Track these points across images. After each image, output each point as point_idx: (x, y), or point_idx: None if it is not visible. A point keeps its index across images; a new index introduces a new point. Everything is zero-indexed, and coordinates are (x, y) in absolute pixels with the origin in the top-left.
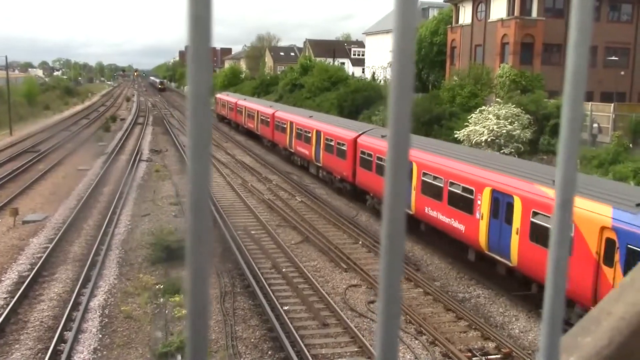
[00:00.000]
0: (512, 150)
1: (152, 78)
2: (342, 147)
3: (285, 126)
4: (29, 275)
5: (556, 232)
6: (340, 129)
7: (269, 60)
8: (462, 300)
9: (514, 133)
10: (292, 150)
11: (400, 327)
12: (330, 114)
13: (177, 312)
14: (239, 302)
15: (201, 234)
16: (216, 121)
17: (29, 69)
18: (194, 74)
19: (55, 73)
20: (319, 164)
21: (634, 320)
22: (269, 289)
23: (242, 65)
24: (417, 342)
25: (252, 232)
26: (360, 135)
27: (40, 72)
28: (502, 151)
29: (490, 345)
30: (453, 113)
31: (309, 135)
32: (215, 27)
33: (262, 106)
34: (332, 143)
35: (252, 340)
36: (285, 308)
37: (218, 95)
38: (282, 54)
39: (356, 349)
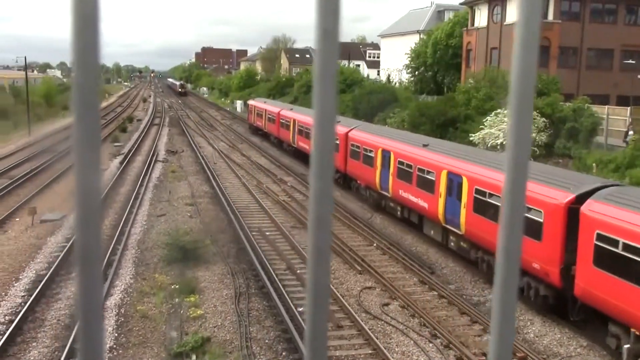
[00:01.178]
0: None
1: (170, 80)
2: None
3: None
4: (46, 274)
5: (507, 213)
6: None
7: (284, 62)
8: (477, 304)
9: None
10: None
11: (415, 331)
12: (346, 116)
13: (192, 312)
14: (253, 302)
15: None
16: (245, 131)
17: (48, 70)
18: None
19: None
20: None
21: None
22: (283, 290)
23: (258, 67)
24: (431, 345)
25: (267, 233)
26: (350, 130)
27: (58, 73)
28: None
29: None
30: (468, 116)
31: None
32: (231, 28)
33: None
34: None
35: (267, 341)
36: (300, 309)
37: (251, 102)
38: (297, 55)
39: (370, 351)
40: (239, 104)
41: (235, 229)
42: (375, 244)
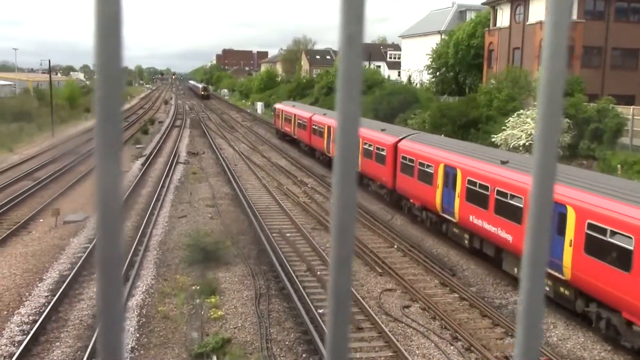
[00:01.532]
0: None
1: (191, 82)
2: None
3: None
4: (69, 274)
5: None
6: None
7: (305, 63)
8: (499, 307)
9: None
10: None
11: (436, 333)
12: (366, 117)
13: (212, 314)
14: (273, 304)
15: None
16: (266, 133)
17: (71, 72)
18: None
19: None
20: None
21: None
22: (303, 292)
23: (278, 68)
24: (452, 348)
25: (287, 234)
26: (400, 140)
27: (81, 76)
28: None
29: None
30: (490, 117)
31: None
32: (252, 30)
33: (375, 131)
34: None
35: (287, 342)
36: (320, 311)
37: (278, 106)
38: (318, 57)
39: (390, 354)
40: (259, 105)
41: (256, 230)
42: (396, 246)
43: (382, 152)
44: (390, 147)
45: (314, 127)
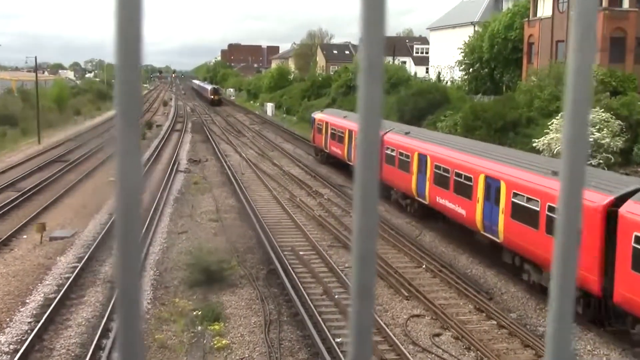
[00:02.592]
0: (601, 161)
1: (196, 82)
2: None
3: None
4: (55, 298)
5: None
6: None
7: (320, 59)
8: (543, 335)
9: (603, 142)
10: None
11: None
12: (390, 119)
13: (216, 342)
14: (285, 332)
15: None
16: (276, 137)
17: (60, 71)
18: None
19: (88, 75)
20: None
21: None
22: (319, 318)
23: (291, 65)
24: None
25: (301, 252)
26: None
27: (71, 74)
28: (588, 162)
29: None
30: (531, 119)
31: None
32: (261, 22)
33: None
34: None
35: None
36: (338, 340)
37: (319, 116)
38: (335, 52)
39: None
40: (269, 106)
41: (266, 248)
42: (424, 266)
43: (406, 159)
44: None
45: (389, 152)
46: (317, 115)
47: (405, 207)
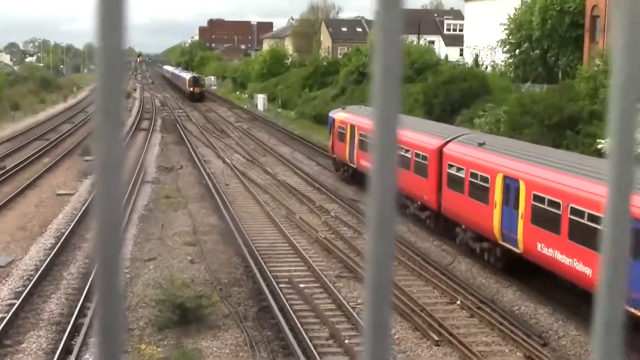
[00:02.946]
0: None
1: (168, 69)
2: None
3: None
4: None
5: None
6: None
7: (325, 38)
8: None
9: None
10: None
11: None
12: (414, 114)
13: None
14: None
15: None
16: (270, 138)
17: None
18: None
19: (28, 59)
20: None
21: None
22: None
23: (288, 46)
24: None
25: (301, 285)
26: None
27: (7, 58)
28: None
29: None
30: (595, 113)
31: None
32: None
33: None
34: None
35: None
36: None
37: (340, 116)
38: (344, 29)
39: None
40: (260, 99)
41: (256, 279)
42: (459, 302)
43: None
44: (434, 152)
45: (452, 175)
46: (338, 115)
47: (481, 253)
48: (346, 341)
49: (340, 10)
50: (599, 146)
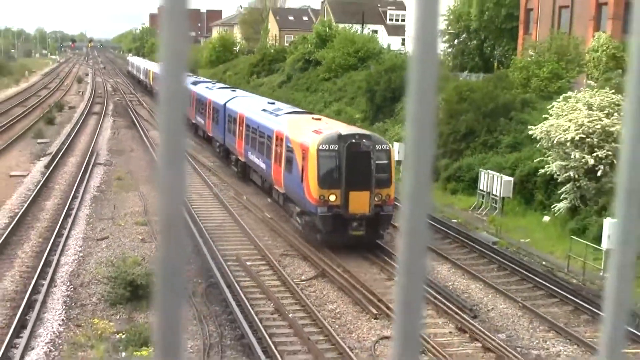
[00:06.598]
0: (610, 152)
1: (133, 60)
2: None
3: None
4: None
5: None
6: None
7: (273, 26)
8: None
9: (612, 129)
10: None
11: None
12: (357, 101)
13: None
14: (228, 358)
15: (174, 261)
16: None
17: None
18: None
19: None
20: None
21: None
22: (269, 341)
23: (236, 33)
24: None
25: (248, 263)
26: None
27: None
28: (595, 154)
29: None
30: (527, 101)
31: None
32: None
33: None
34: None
35: None
36: None
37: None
38: (291, 18)
39: None
40: None
41: (204, 257)
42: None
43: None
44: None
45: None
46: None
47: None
48: (290, 315)
49: None
50: (530, 132)
